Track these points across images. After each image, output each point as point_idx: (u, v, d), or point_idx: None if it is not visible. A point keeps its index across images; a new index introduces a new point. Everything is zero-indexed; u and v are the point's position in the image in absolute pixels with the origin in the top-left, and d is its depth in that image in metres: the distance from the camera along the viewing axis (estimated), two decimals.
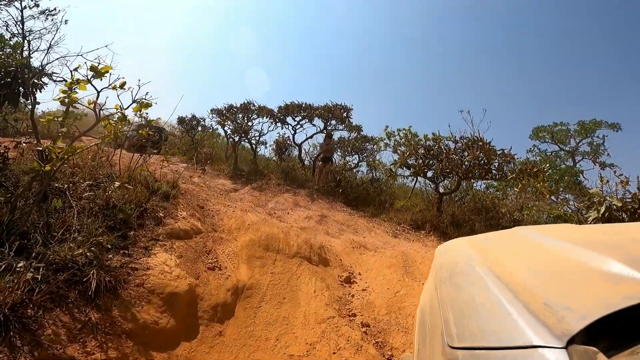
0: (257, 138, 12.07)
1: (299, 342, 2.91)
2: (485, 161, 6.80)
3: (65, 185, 3.19)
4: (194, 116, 17.83)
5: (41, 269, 2.30)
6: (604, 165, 11.33)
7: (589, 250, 0.57)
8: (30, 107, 3.29)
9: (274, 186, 9.44)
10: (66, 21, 3.14)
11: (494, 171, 6.99)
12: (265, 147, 12.96)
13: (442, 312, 0.74)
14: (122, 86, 2.66)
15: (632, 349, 0.43)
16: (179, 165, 12.63)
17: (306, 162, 11.76)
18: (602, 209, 3.34)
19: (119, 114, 2.90)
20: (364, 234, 6.32)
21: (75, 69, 2.48)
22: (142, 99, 2.89)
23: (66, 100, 2.44)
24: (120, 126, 2.80)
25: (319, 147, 12.02)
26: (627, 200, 3.58)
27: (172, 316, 2.78)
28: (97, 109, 2.69)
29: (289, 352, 2.80)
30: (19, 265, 2.23)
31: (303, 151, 11.59)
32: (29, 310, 2.18)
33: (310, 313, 3.28)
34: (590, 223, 3.66)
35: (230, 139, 12.25)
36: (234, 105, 12.23)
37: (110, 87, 2.63)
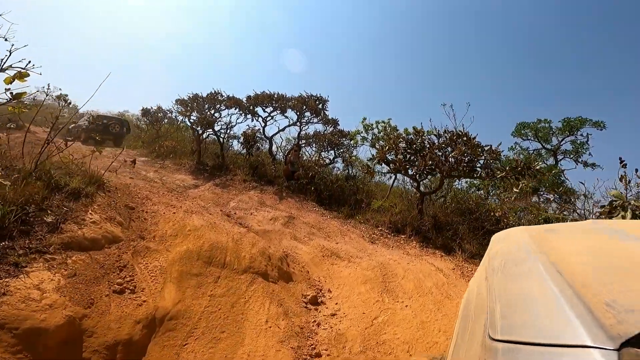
0: (226, 131, 11.01)
1: None
2: (470, 158, 6.16)
3: None
4: (159, 108, 16.51)
5: None
6: (586, 165, 11.19)
7: None
8: None
9: (239, 182, 8.46)
10: None
11: (478, 169, 6.38)
12: (238, 141, 11.90)
13: (489, 302, 0.69)
14: None
15: None
16: (137, 159, 11.41)
17: (279, 156, 10.84)
18: (628, 215, 2.69)
19: None
20: (337, 238, 5.50)
21: None
22: (22, 68, 1.91)
23: None
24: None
25: (293, 142, 11.12)
26: None
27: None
28: None
29: None
30: None
31: (274, 145, 10.64)
32: None
33: (256, 355, 2.40)
34: None
35: (196, 132, 11.10)
36: (200, 94, 11.10)
37: None
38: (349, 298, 3.56)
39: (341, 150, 10.21)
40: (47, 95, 4.85)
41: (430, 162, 5.62)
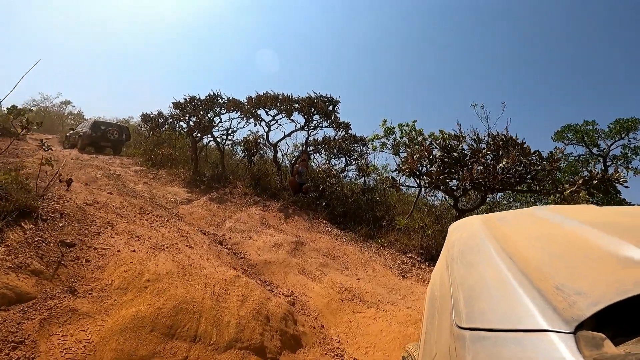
0: (226, 136, 9.93)
1: None
2: (524, 167, 4.95)
3: None
4: (160, 113, 15.58)
5: None
6: (637, 172, 9.80)
7: (606, 233, 0.55)
8: None
9: (238, 196, 7.34)
10: None
11: (528, 180, 5.17)
12: (241, 148, 10.83)
13: (452, 292, 0.70)
14: None
15: None
16: (130, 169, 10.39)
17: (285, 163, 9.72)
18: None
19: None
20: (358, 271, 4.30)
21: None
22: None
23: None
24: None
25: (301, 148, 9.97)
26: None
27: None
28: None
29: None
30: None
31: (280, 152, 9.53)
32: None
33: None
34: None
35: (192, 138, 10.05)
36: (197, 97, 10.10)
37: None
38: None
39: (353, 157, 9.05)
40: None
41: (480, 174, 4.41)
